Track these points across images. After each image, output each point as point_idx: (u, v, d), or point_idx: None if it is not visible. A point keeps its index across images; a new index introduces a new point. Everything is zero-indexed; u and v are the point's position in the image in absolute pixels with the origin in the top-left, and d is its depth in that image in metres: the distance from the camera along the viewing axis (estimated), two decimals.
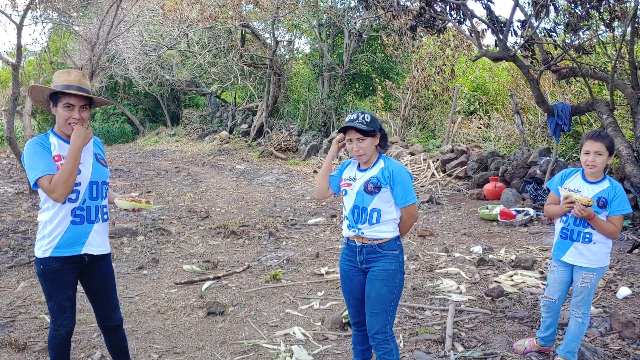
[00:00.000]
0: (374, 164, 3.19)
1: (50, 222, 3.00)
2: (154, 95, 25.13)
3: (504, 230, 7.65)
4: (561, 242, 3.59)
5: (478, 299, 5.06)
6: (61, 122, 3.02)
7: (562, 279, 3.63)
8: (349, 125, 3.10)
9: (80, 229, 3.03)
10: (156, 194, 11.24)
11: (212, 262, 6.31)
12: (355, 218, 3.17)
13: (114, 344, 3.34)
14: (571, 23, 7.88)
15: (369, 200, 3.12)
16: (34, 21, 14.49)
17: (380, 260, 3.13)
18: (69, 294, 3.06)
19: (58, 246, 2.99)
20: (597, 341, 4.09)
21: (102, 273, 3.20)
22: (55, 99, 3.02)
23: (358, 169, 3.24)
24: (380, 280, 3.10)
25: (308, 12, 18.41)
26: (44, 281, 3.04)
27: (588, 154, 3.44)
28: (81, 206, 3.04)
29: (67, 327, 3.10)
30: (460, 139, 13.16)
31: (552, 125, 9.00)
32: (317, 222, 8.55)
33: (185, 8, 17.67)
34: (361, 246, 3.17)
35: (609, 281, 5.34)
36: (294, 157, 16.98)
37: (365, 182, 3.13)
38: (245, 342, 4.27)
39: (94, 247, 3.09)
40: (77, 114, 3.00)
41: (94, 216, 3.09)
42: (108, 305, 3.24)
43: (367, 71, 18.48)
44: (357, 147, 3.12)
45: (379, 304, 3.10)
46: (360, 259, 3.18)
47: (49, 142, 3.03)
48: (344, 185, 3.27)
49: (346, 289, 3.32)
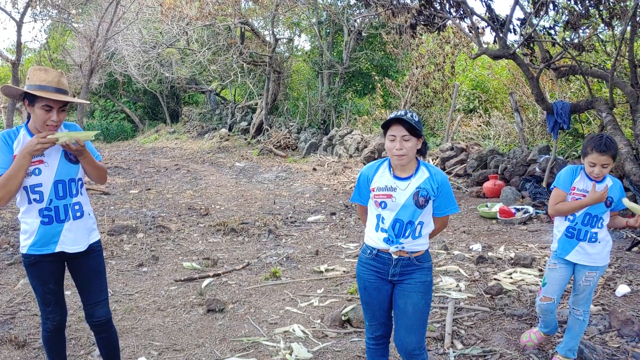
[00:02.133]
0: (415, 172, 2.91)
1: (24, 219, 3.00)
2: (154, 92, 25.13)
3: (504, 228, 7.66)
4: (566, 241, 3.53)
5: (477, 296, 5.07)
6: (38, 124, 2.91)
7: (562, 276, 3.59)
8: (398, 117, 2.79)
9: (50, 229, 2.98)
10: (156, 192, 11.25)
11: (212, 260, 6.31)
12: (396, 232, 2.88)
13: (103, 340, 3.28)
14: (571, 21, 7.89)
15: (418, 213, 2.87)
16: (34, 18, 14.46)
17: (416, 272, 2.92)
18: (50, 288, 3.06)
19: (33, 244, 2.98)
20: (596, 339, 4.10)
21: (85, 269, 3.14)
22: (32, 98, 2.88)
23: (395, 177, 2.92)
24: (419, 292, 2.90)
25: (307, 10, 18.39)
26: (28, 274, 3.07)
27: (594, 166, 3.34)
28: (48, 206, 2.96)
29: (53, 320, 3.11)
30: (460, 137, 13.17)
31: (551, 123, 9.01)
32: (316, 219, 8.56)
33: (184, 5, 17.65)
34: (397, 259, 2.91)
35: (608, 279, 5.34)
36: (294, 155, 16.98)
37: (415, 194, 2.85)
38: (245, 339, 4.28)
39: (67, 246, 3.03)
40: (55, 116, 2.90)
41: (64, 215, 3.00)
42: (90, 301, 3.18)
43: (367, 69, 18.50)
44: (401, 145, 2.79)
45: (417, 317, 2.90)
46: (394, 272, 2.93)
47: (14, 139, 2.93)
48: (380, 196, 2.91)
49: (372, 301, 3.03)
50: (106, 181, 3.32)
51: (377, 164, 3.04)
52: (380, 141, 13.71)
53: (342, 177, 12.52)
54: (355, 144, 15.12)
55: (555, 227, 3.66)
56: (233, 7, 17.26)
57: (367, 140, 14.75)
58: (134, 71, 20.05)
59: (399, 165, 2.90)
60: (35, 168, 2.92)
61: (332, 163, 14.65)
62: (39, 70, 2.93)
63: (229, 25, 18.39)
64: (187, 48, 20.44)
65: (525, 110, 12.34)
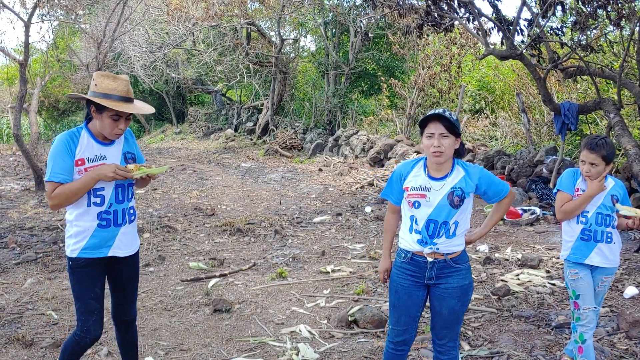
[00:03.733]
0: (451, 171, 2.86)
1: (77, 222, 2.95)
2: (160, 93, 25.21)
3: (510, 229, 7.63)
4: (583, 244, 3.42)
5: (484, 297, 5.05)
6: (106, 131, 2.93)
7: (590, 282, 3.43)
8: (438, 114, 2.78)
9: (107, 233, 2.98)
10: (162, 192, 11.27)
11: (218, 260, 6.32)
12: (430, 233, 2.83)
13: (127, 338, 3.32)
14: (579, 21, 7.85)
15: (453, 213, 2.82)
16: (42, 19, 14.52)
17: (453, 275, 2.86)
18: (96, 293, 3.01)
19: (85, 247, 2.94)
20: (604, 340, 4.08)
21: (130, 270, 3.17)
22: (101, 107, 2.89)
23: (430, 177, 2.87)
24: (455, 297, 2.86)
25: (314, 10, 18.41)
26: (73, 278, 2.99)
27: (584, 164, 3.37)
28: (108, 210, 2.97)
29: (94, 333, 3.01)
30: (467, 138, 13.15)
31: (559, 124, 8.97)
32: (322, 220, 8.55)
33: (191, 6, 17.70)
34: (433, 262, 2.85)
35: (616, 281, 5.31)
36: (300, 155, 16.98)
37: (450, 194, 2.80)
38: (252, 339, 4.27)
39: (120, 250, 3.04)
40: (123, 125, 2.94)
41: (121, 219, 3.02)
42: (128, 299, 3.22)
43: (373, 69, 18.48)
44: (439, 143, 2.75)
45: (452, 318, 2.89)
46: (430, 275, 2.87)
47: (77, 142, 2.91)
48: (413, 196, 2.86)
49: (401, 305, 2.96)
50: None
51: (412, 163, 2.99)
52: (386, 142, 13.70)
53: (348, 178, 12.51)
54: (361, 144, 15.11)
55: (565, 234, 3.54)
56: (239, 8, 17.29)
57: (373, 140, 14.73)
58: (141, 72, 20.11)
59: (435, 163, 2.85)
60: None
61: (338, 164, 14.65)
62: (106, 77, 2.92)
63: (235, 25, 18.41)
64: (193, 49, 20.49)
65: (532, 111, 12.30)
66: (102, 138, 2.99)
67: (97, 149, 2.97)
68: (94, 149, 2.96)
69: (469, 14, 8.96)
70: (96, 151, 2.96)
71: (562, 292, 5.10)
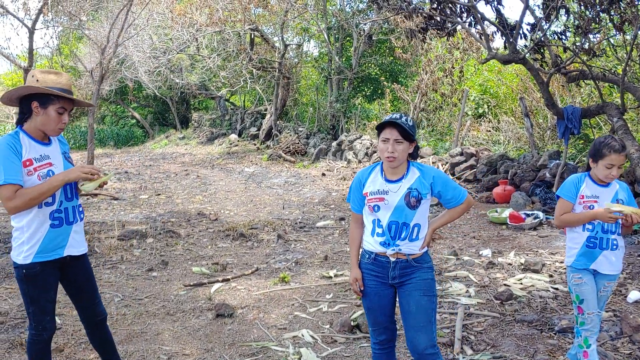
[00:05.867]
0: (406, 174, 2.96)
1: (28, 227, 2.93)
2: (164, 98, 25.27)
3: (514, 234, 7.62)
4: (588, 252, 3.38)
5: (487, 302, 5.04)
6: (51, 126, 2.95)
7: (593, 287, 3.40)
8: (392, 120, 2.85)
9: (60, 232, 2.99)
10: (165, 197, 11.30)
11: (221, 265, 6.32)
12: (392, 234, 2.92)
13: (102, 337, 3.30)
14: (581, 26, 7.86)
15: (411, 215, 2.92)
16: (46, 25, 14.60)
17: (415, 272, 2.94)
18: (51, 297, 3.02)
19: (39, 251, 2.93)
20: (608, 345, 4.06)
21: (85, 269, 3.17)
22: (45, 101, 2.90)
23: (387, 180, 2.97)
24: (420, 290, 2.92)
25: (317, 16, 18.46)
26: (27, 286, 2.96)
27: (612, 167, 3.27)
28: (59, 208, 2.98)
29: (50, 330, 3.04)
30: (470, 142, 13.14)
31: (562, 128, 8.97)
32: (325, 224, 8.55)
33: (195, 12, 17.76)
34: (395, 262, 2.95)
35: (619, 285, 5.29)
36: (303, 160, 16.99)
37: (406, 195, 2.90)
38: (254, 344, 4.28)
39: (75, 248, 3.07)
40: (66, 118, 2.99)
41: (72, 217, 3.05)
42: (94, 299, 3.21)
43: (376, 74, 18.51)
44: (393, 148, 2.84)
45: (421, 315, 2.90)
46: (393, 275, 2.96)
47: (20, 144, 2.90)
48: (373, 200, 2.96)
49: (373, 306, 3.06)
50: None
51: (369, 169, 3.10)
52: None
53: (351, 183, 12.51)
54: (364, 149, 15.11)
55: (570, 240, 3.49)
56: (243, 14, 17.35)
57: (376, 145, 14.71)
58: (144, 77, 20.14)
59: (389, 167, 2.97)
60: (48, 170, 2.95)
61: (341, 168, 14.65)
62: (48, 72, 2.94)
63: (239, 31, 18.47)
64: (197, 54, 20.54)
65: (535, 115, 12.29)
66: (41, 138, 3.00)
67: (40, 149, 2.98)
68: (37, 149, 2.96)
69: (472, 18, 8.98)
70: (40, 151, 2.97)
71: (565, 296, 5.08)
